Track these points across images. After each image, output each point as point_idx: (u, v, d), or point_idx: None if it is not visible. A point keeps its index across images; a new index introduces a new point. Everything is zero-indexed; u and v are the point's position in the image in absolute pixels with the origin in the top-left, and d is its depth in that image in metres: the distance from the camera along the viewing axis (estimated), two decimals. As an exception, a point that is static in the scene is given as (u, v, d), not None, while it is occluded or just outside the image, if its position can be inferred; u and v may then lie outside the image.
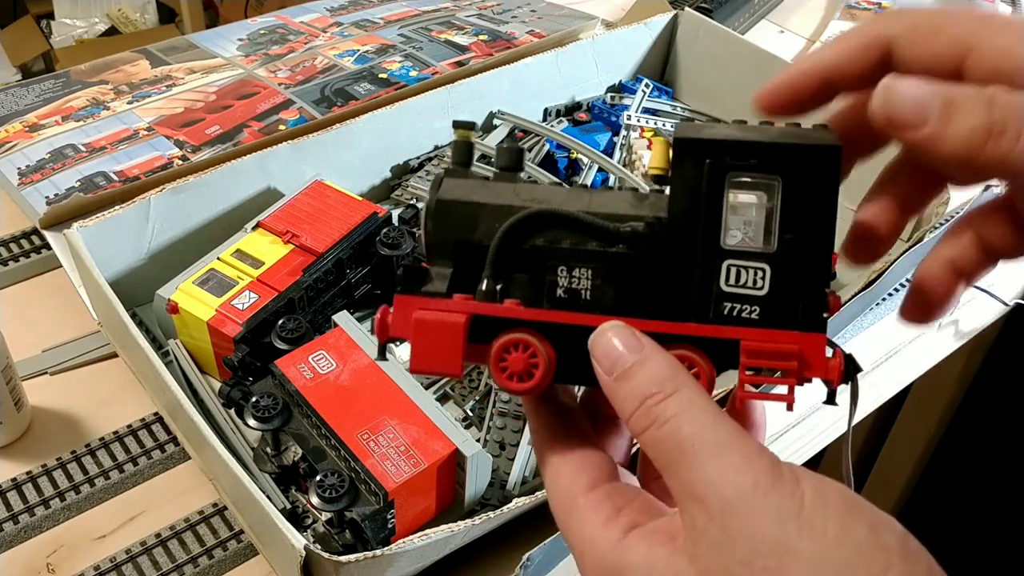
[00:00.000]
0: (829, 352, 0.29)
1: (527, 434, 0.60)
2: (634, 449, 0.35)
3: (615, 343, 0.28)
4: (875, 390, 0.71)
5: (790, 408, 0.28)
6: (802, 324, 0.29)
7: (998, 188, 0.32)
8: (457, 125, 0.32)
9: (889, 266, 0.68)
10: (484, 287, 0.30)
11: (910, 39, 0.29)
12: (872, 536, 0.24)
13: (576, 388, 0.34)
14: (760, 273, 0.29)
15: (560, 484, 0.30)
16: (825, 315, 0.29)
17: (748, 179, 0.29)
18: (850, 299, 0.66)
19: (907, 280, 0.79)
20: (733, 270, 0.29)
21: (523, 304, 0.30)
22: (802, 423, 0.67)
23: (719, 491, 0.25)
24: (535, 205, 0.30)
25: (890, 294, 0.77)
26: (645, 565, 0.26)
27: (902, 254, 0.67)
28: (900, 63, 0.29)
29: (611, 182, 0.84)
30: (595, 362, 0.29)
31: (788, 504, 0.24)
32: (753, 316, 0.29)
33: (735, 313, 0.29)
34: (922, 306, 0.31)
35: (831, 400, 0.29)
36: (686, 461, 0.26)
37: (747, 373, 0.29)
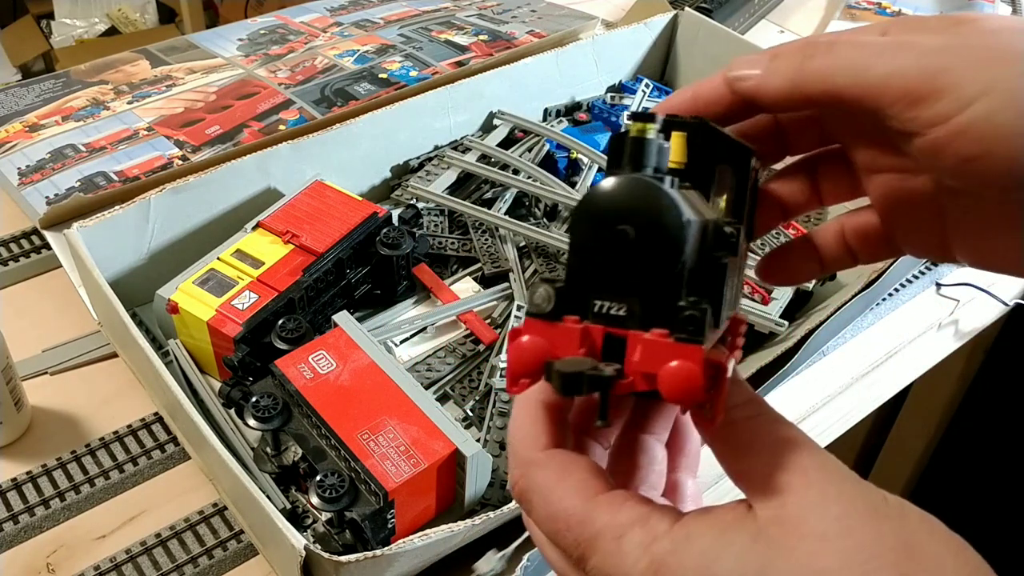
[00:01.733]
0: None
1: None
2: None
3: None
4: (875, 390, 0.71)
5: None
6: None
7: None
8: (635, 117, 0.28)
9: (889, 266, 0.68)
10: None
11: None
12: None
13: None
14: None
15: (568, 490, 0.29)
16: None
17: None
18: (850, 300, 0.66)
19: (907, 281, 0.79)
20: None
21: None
22: (803, 423, 0.67)
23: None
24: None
25: (890, 294, 0.77)
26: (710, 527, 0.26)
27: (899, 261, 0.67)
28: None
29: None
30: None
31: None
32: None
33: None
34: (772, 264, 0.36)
35: None
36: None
37: None
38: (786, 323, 0.64)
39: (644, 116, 0.29)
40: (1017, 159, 0.27)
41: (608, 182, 0.27)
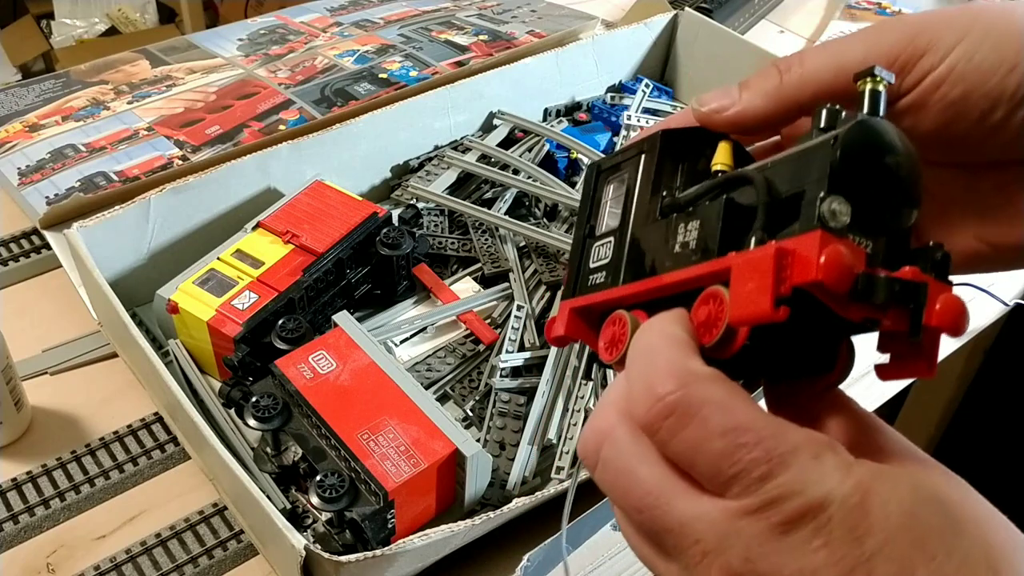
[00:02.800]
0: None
1: (527, 434, 0.60)
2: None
3: None
4: (875, 390, 0.71)
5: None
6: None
7: None
8: (859, 77, 0.29)
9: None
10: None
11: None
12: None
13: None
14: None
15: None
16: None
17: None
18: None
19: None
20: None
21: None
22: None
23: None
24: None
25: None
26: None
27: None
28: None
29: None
30: None
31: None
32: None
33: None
34: None
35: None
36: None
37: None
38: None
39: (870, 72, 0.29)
40: (1000, 91, 0.28)
41: (880, 123, 0.27)
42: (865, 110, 0.28)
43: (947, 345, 0.77)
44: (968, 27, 0.29)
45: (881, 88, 0.28)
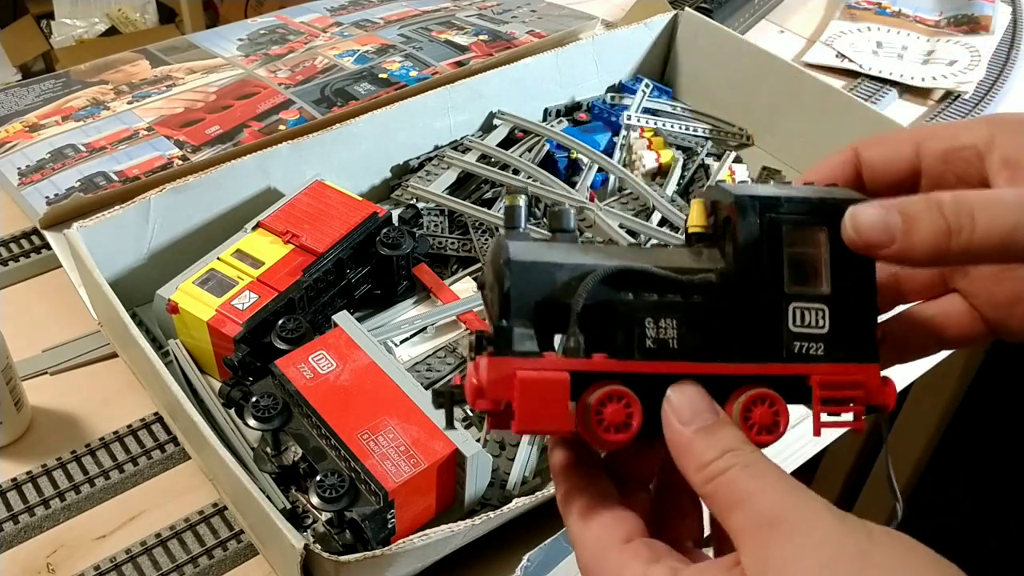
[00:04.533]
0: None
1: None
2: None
3: (699, 397, 0.31)
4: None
5: (860, 432, 0.32)
6: (860, 356, 0.32)
7: None
8: (510, 191, 0.33)
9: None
10: (571, 344, 0.31)
11: (870, 146, 0.35)
12: None
13: (601, 452, 0.34)
14: (821, 313, 0.32)
15: (590, 538, 0.31)
16: (875, 347, 0.32)
17: (801, 230, 0.32)
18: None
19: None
20: (798, 312, 0.32)
21: (609, 357, 0.31)
22: (803, 423, 0.67)
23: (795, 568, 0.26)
24: (610, 262, 0.31)
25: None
26: None
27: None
28: (866, 166, 0.35)
29: (611, 182, 0.84)
30: (671, 410, 0.31)
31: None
32: (819, 352, 0.32)
33: (804, 351, 0.32)
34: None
35: (886, 422, 0.34)
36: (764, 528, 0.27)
37: (821, 404, 0.32)
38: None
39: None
40: None
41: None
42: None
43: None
44: None
45: (521, 203, 0.33)
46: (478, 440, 0.60)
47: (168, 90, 0.94)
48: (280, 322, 0.63)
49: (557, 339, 0.31)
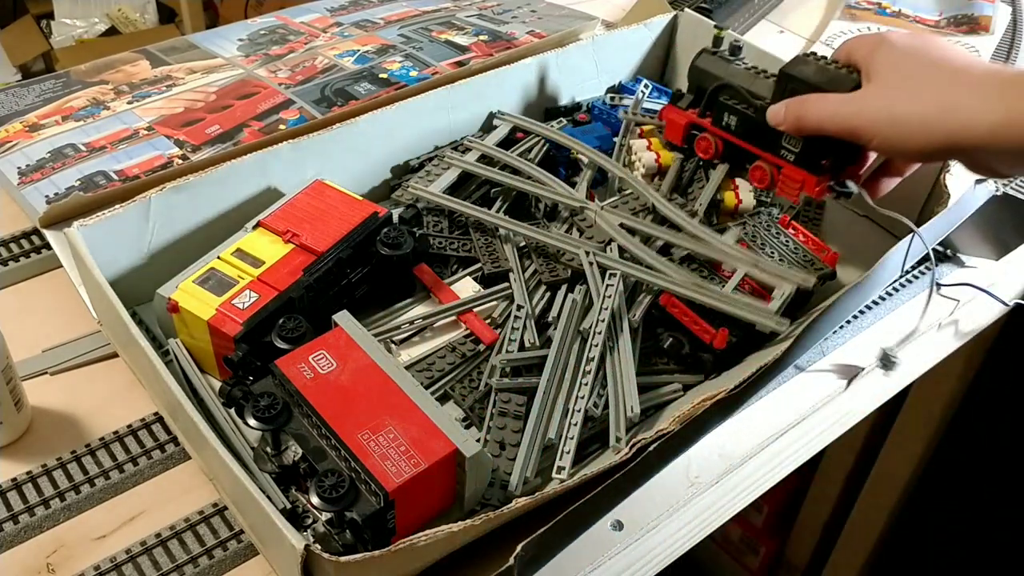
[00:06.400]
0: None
1: (527, 434, 0.60)
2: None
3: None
4: (875, 390, 0.71)
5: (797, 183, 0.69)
6: (809, 169, 0.67)
7: (989, 184, 0.75)
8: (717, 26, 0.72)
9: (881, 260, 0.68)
10: (700, 112, 0.74)
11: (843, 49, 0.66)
12: None
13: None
14: (798, 142, 0.66)
15: None
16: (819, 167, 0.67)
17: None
18: (843, 291, 0.66)
19: (906, 281, 0.79)
20: (787, 137, 0.67)
21: (712, 124, 0.74)
22: (803, 423, 0.67)
23: None
24: (732, 79, 0.71)
25: (889, 294, 0.77)
26: None
27: (894, 248, 0.67)
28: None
29: (611, 182, 0.84)
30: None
31: None
32: (791, 159, 0.67)
33: (786, 156, 0.68)
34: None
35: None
36: None
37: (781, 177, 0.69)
38: (787, 321, 0.64)
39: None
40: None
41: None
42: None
43: (947, 345, 0.77)
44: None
45: (722, 34, 0.79)
46: (478, 440, 0.60)
47: (168, 90, 0.94)
48: (280, 321, 0.63)
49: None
